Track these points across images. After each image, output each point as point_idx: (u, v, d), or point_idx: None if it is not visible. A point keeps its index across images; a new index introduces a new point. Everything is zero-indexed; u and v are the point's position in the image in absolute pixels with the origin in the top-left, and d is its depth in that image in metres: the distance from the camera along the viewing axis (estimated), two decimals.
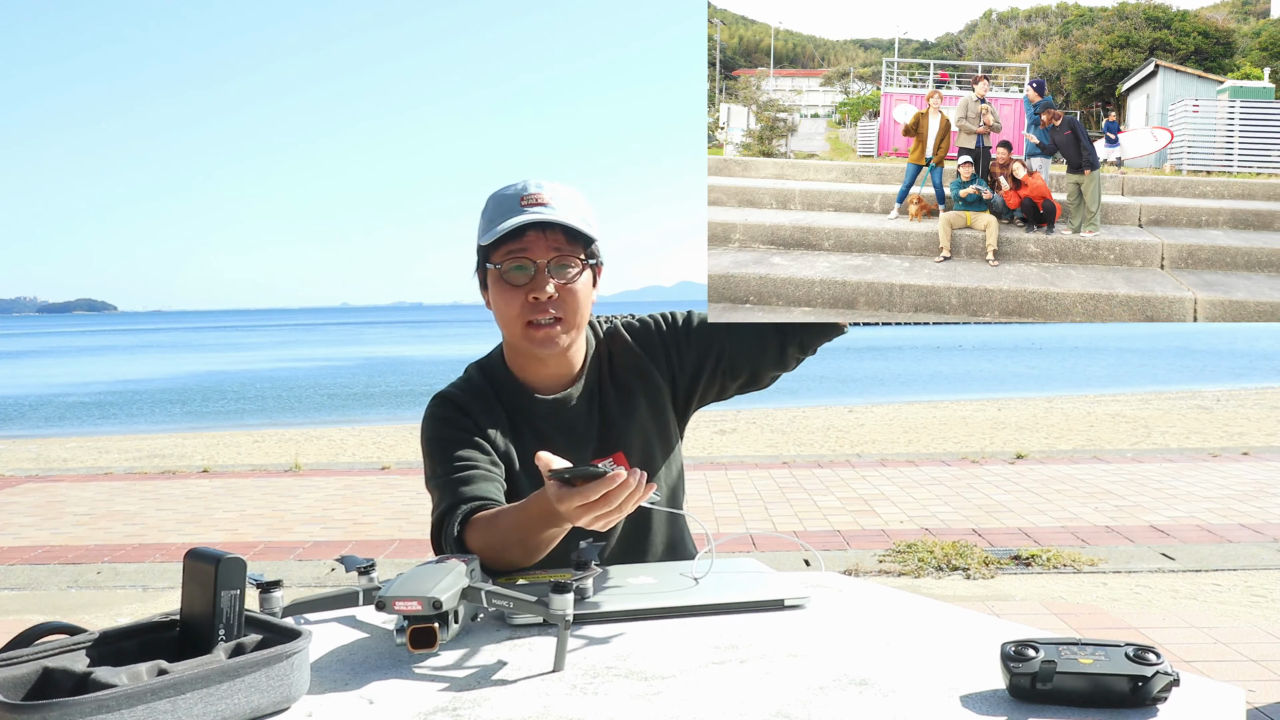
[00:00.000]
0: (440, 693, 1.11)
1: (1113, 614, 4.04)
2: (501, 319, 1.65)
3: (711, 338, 1.75)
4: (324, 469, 8.59)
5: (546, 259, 1.60)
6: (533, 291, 1.60)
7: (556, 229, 1.60)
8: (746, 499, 6.50)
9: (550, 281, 1.60)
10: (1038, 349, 30.76)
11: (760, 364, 1.74)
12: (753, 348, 1.72)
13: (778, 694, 1.06)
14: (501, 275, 1.62)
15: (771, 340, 1.71)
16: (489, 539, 1.47)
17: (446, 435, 1.64)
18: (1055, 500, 6.27)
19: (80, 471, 8.87)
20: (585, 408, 1.73)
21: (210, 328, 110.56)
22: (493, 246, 1.61)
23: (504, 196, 1.63)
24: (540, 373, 1.71)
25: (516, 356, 1.72)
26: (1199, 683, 1.06)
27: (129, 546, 5.69)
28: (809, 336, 1.71)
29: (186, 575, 1.12)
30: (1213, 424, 10.84)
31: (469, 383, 1.73)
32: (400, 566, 4.94)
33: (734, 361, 1.74)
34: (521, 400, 1.71)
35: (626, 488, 1.25)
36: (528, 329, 1.62)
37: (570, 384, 1.72)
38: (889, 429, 11.30)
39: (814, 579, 1.53)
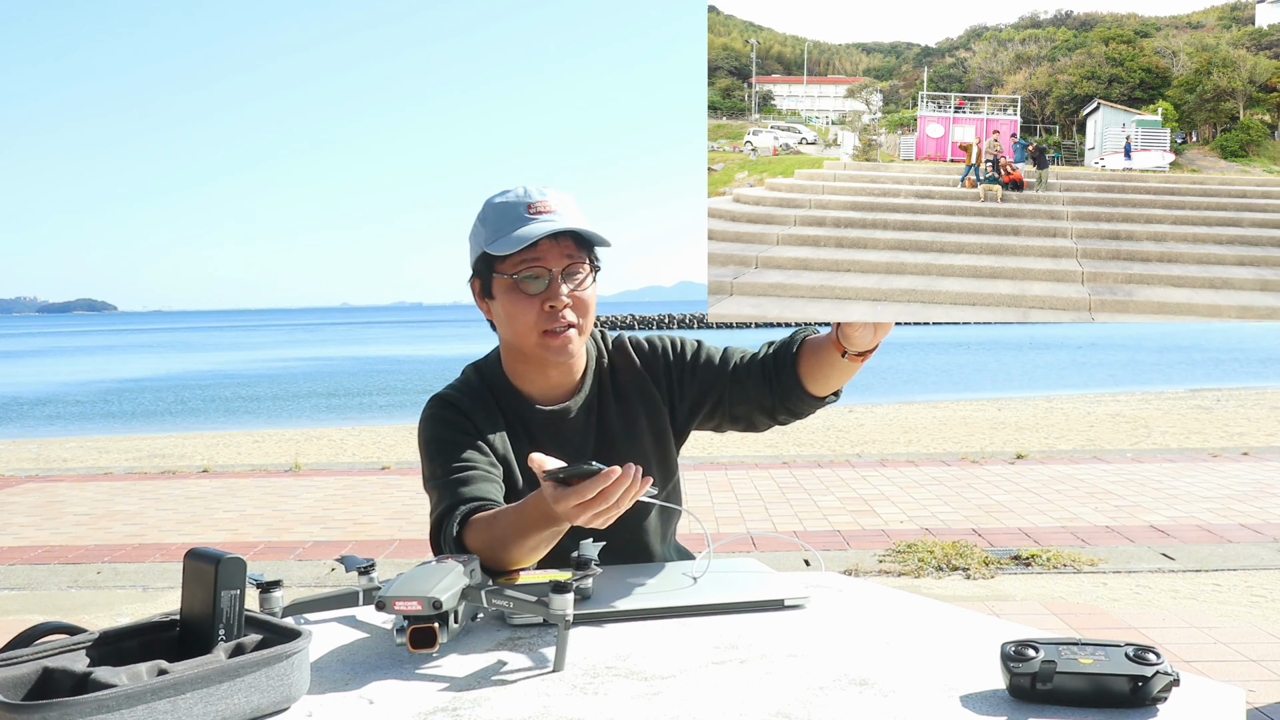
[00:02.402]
0: (440, 693, 1.11)
1: (1113, 614, 4.04)
2: (514, 329, 1.64)
3: (715, 380, 1.75)
4: (324, 469, 8.59)
5: (560, 267, 1.61)
6: (549, 300, 1.60)
7: (566, 236, 1.61)
8: (746, 499, 6.50)
9: (564, 288, 1.61)
10: (1041, 347, 30.77)
11: (756, 419, 1.74)
12: (752, 403, 1.72)
13: (778, 694, 1.06)
14: (516, 285, 1.61)
15: (767, 398, 1.70)
16: (488, 539, 1.47)
17: (445, 436, 1.63)
18: (1055, 500, 6.27)
19: (80, 471, 8.87)
20: (584, 421, 1.73)
21: (210, 328, 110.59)
22: (504, 256, 1.60)
23: (507, 205, 1.62)
24: (540, 383, 1.71)
25: (517, 365, 1.71)
26: (1199, 683, 1.07)
27: (129, 546, 5.69)
28: (804, 407, 1.69)
29: (186, 575, 1.12)
30: (1213, 424, 10.84)
31: (467, 384, 1.72)
32: (400, 566, 4.94)
33: (733, 409, 1.75)
34: (520, 409, 1.71)
35: (622, 483, 1.25)
36: (544, 337, 1.62)
37: (569, 395, 1.72)
38: (889, 429, 11.30)
39: (814, 579, 1.53)
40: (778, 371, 1.69)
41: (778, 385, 1.69)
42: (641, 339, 1.82)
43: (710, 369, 1.76)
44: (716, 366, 1.76)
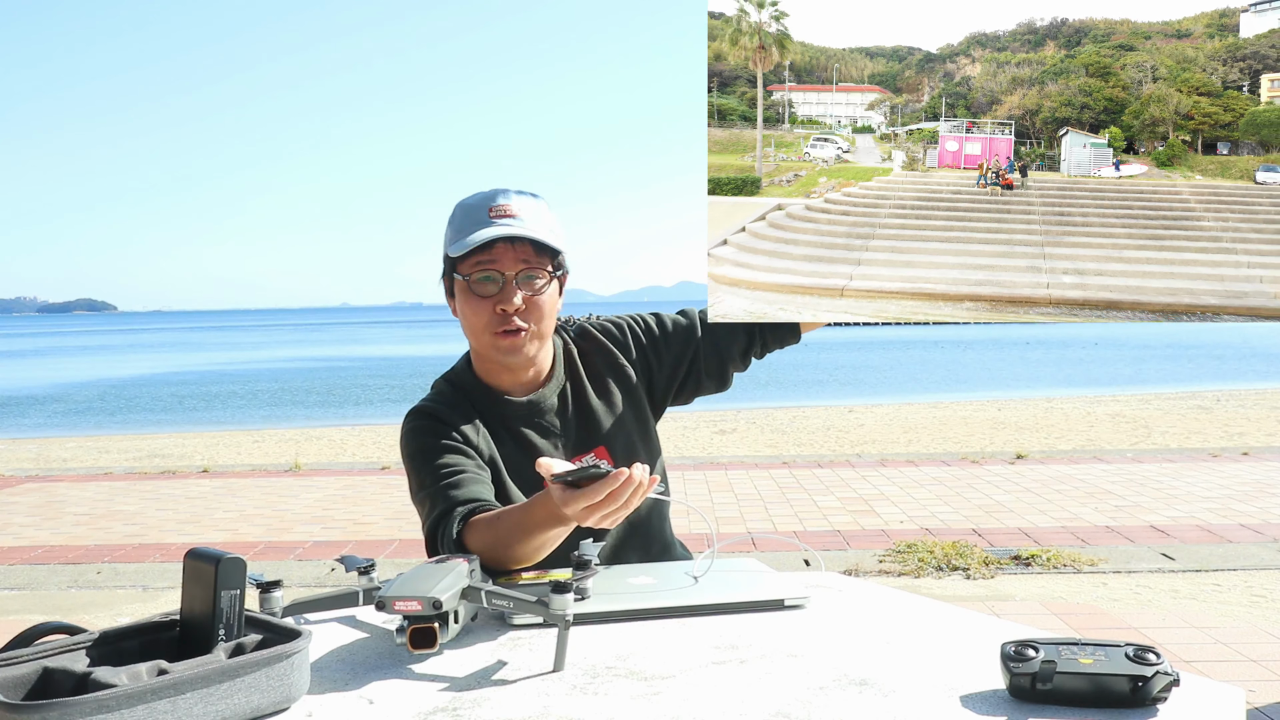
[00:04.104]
0: (440, 693, 1.11)
1: (1113, 614, 4.04)
2: (469, 328, 1.68)
3: (688, 338, 1.82)
4: (324, 469, 8.60)
5: (515, 271, 1.62)
6: (501, 303, 1.62)
7: (525, 241, 1.62)
8: (746, 499, 6.50)
9: (518, 293, 1.63)
10: (1040, 344, 30.78)
11: (728, 367, 1.82)
12: (722, 351, 1.80)
13: (778, 694, 1.06)
14: (470, 286, 1.64)
15: (738, 342, 1.80)
16: (491, 539, 1.47)
17: (430, 445, 1.64)
18: (1055, 500, 6.27)
19: (80, 471, 8.88)
20: (560, 406, 1.75)
21: (210, 328, 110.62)
22: (461, 257, 1.62)
23: (471, 206, 1.64)
24: (508, 378, 1.73)
25: (483, 363, 1.74)
26: (1199, 683, 1.06)
27: (129, 546, 5.69)
28: (770, 341, 1.81)
29: (186, 575, 1.12)
30: (1213, 424, 10.84)
31: (440, 395, 1.74)
32: (400, 566, 4.94)
33: (707, 365, 1.81)
34: (495, 405, 1.72)
35: (630, 484, 1.26)
36: (495, 338, 1.64)
37: (541, 384, 1.75)
38: (889, 429, 11.30)
39: (814, 579, 1.53)
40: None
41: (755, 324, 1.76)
42: (606, 322, 1.86)
43: (680, 330, 1.83)
44: (685, 326, 1.83)
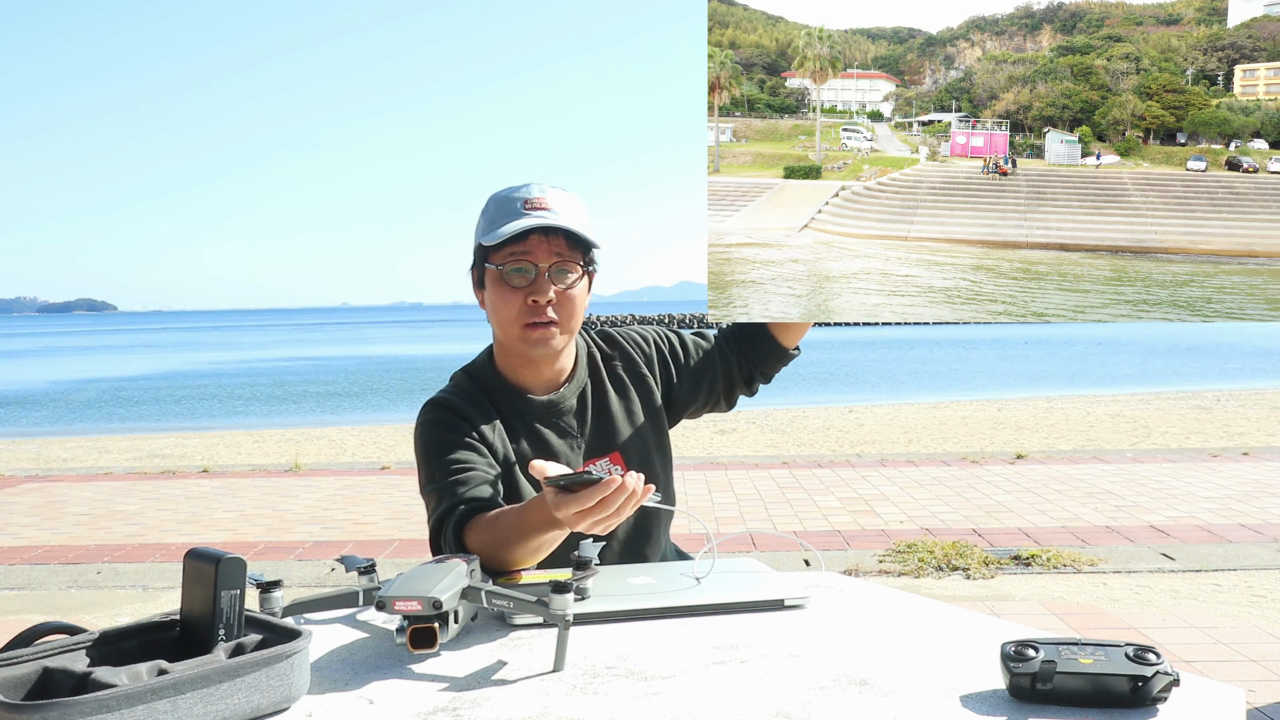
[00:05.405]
0: (440, 693, 1.11)
1: (1113, 614, 4.04)
2: (498, 319, 1.67)
3: (708, 365, 1.86)
4: (324, 469, 8.59)
5: (548, 263, 1.62)
6: (533, 294, 1.62)
7: (559, 234, 1.62)
8: (746, 499, 6.51)
9: (550, 286, 1.62)
10: (1040, 344, 30.79)
11: (733, 391, 1.89)
12: (734, 376, 1.86)
13: (778, 694, 1.06)
14: (502, 276, 1.63)
15: (744, 365, 1.87)
16: (489, 540, 1.47)
17: (443, 439, 1.63)
18: (1055, 500, 6.27)
19: (80, 471, 8.87)
20: (579, 408, 1.74)
21: (210, 327, 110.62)
22: (494, 247, 1.61)
23: (506, 199, 1.64)
24: (531, 374, 1.72)
25: (507, 358, 1.73)
26: (1199, 683, 1.07)
27: (129, 546, 5.69)
28: (773, 362, 1.87)
29: (186, 575, 1.12)
30: (1213, 424, 10.84)
31: (459, 387, 1.73)
32: (400, 566, 4.95)
33: (725, 388, 1.87)
34: (515, 401, 1.71)
35: (623, 492, 1.25)
36: (525, 330, 1.64)
37: (562, 384, 1.74)
38: (889, 429, 11.30)
39: (814, 579, 1.53)
40: (753, 334, 1.85)
41: (752, 348, 1.86)
42: (633, 333, 1.87)
43: (704, 353, 1.87)
44: (707, 350, 1.87)
